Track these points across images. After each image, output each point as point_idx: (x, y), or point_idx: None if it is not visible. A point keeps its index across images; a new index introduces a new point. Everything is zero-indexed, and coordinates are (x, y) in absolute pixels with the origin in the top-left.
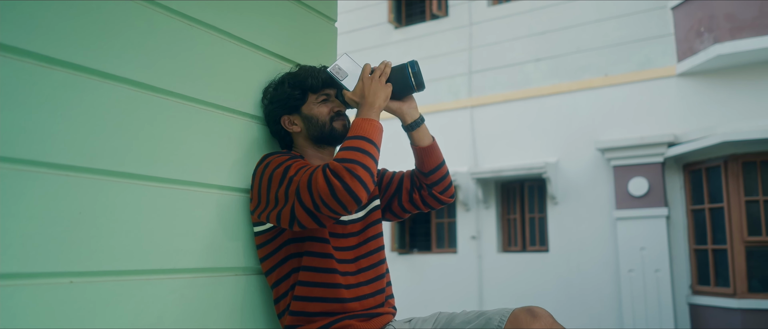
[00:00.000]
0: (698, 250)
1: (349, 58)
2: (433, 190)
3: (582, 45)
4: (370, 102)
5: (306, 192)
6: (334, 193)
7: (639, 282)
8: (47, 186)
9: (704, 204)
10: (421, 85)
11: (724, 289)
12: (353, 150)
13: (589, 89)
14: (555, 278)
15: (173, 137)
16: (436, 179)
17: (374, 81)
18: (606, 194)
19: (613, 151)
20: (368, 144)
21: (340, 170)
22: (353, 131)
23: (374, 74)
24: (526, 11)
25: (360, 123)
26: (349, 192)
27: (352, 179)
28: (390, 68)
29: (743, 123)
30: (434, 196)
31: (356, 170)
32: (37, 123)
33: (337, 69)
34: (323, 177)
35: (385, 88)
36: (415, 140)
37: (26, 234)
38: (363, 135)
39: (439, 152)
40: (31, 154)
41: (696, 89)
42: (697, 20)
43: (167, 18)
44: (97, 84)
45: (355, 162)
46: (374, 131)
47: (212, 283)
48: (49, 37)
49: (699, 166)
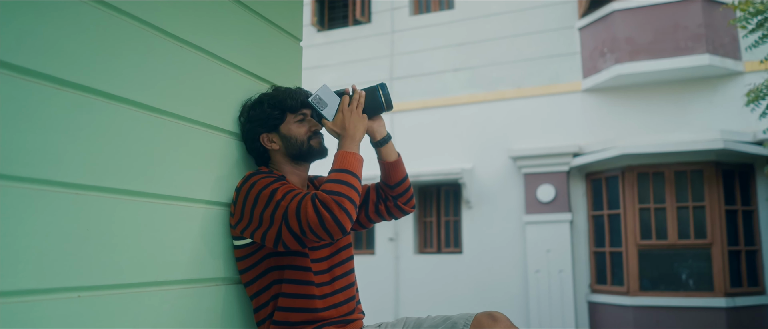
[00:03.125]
0: (597, 252)
1: (327, 89)
2: (398, 201)
3: (497, 58)
4: (351, 135)
5: (294, 219)
6: (322, 223)
7: (544, 282)
8: (59, 204)
9: (603, 210)
10: (390, 105)
11: (619, 288)
12: (340, 183)
13: (503, 99)
14: (468, 278)
15: (165, 154)
16: (401, 191)
17: (353, 113)
18: (516, 199)
19: (524, 159)
20: (353, 177)
21: (329, 202)
22: (339, 164)
23: (352, 105)
24: (446, 22)
25: (344, 156)
26: (336, 223)
27: (340, 211)
28: (364, 97)
29: (639, 138)
30: (399, 206)
31: (344, 203)
32: (49, 143)
33: (318, 100)
34: (313, 207)
35: (363, 119)
36: (383, 155)
37: (41, 251)
38: (348, 169)
39: (403, 167)
40: (44, 173)
41: (598, 105)
42: (601, 41)
43: (155, 37)
44: (103, 105)
45: (342, 195)
46: (357, 164)
47: (198, 293)
48: (57, 59)
49: (600, 175)
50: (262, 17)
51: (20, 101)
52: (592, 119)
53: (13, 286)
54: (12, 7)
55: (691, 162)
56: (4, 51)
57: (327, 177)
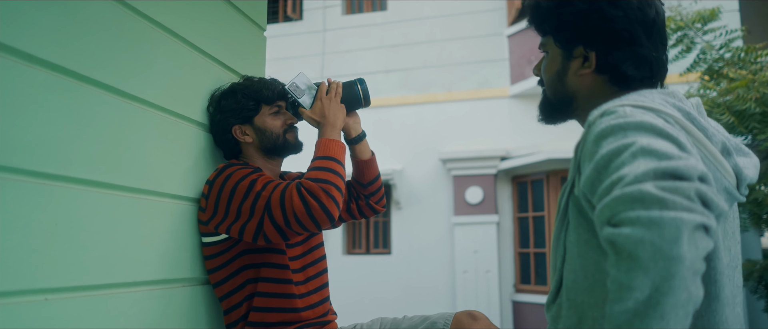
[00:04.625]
0: (522, 253)
1: (304, 76)
2: (370, 200)
3: (429, 61)
4: (332, 123)
5: (278, 209)
6: (309, 212)
7: (472, 282)
8: (26, 196)
9: (528, 212)
10: (368, 101)
11: (542, 287)
12: (325, 170)
13: (434, 102)
14: (396, 279)
15: (133, 143)
16: (373, 190)
17: (332, 101)
18: (445, 201)
19: (453, 161)
20: (338, 165)
21: (316, 190)
22: (322, 151)
23: (330, 94)
24: (378, 23)
25: (327, 143)
26: (325, 211)
27: (327, 198)
28: (341, 87)
29: (563, 143)
30: (370, 206)
31: (331, 190)
32: (15, 127)
33: (295, 87)
34: (299, 196)
35: (341, 108)
36: (357, 153)
37: (5, 248)
38: (332, 156)
39: (376, 166)
40: (11, 161)
41: (525, 110)
42: (529, 49)
43: (127, 14)
44: (67, 84)
45: (329, 183)
46: (340, 151)
47: (166, 295)
48: (18, 31)
49: (525, 179)
50: (232, 5)
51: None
52: (519, 123)
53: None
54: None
55: None
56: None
57: (310, 165)
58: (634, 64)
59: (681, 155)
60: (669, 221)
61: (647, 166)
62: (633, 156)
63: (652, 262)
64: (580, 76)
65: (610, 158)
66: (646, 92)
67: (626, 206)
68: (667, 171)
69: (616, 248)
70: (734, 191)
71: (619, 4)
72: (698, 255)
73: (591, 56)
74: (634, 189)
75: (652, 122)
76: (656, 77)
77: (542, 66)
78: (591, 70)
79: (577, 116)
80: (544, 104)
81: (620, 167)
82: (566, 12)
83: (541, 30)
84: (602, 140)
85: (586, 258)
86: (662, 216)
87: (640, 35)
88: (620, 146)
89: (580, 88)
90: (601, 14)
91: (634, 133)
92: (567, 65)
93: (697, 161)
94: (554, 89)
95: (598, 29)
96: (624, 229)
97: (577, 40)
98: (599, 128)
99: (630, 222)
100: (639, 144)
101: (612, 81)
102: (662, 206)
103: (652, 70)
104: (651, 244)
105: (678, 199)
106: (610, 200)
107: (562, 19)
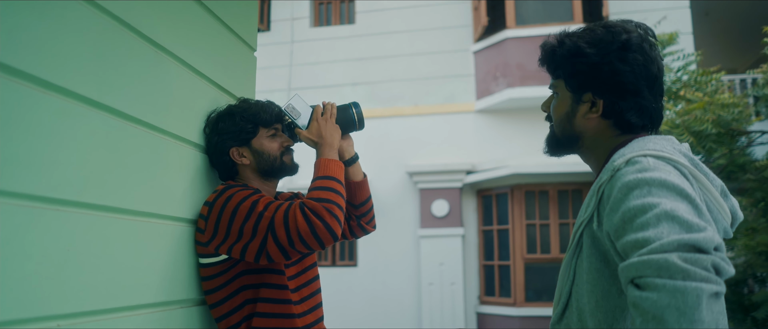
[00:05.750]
0: (486, 265)
1: (300, 98)
2: (361, 221)
3: (396, 75)
4: (329, 143)
5: (282, 229)
6: (314, 231)
7: (437, 294)
8: (40, 223)
9: (493, 226)
10: (362, 124)
11: (506, 299)
12: (327, 190)
13: (401, 116)
14: (362, 291)
15: (137, 166)
16: (364, 211)
17: (328, 122)
18: (411, 213)
19: (420, 175)
20: (338, 184)
21: (319, 210)
22: (322, 171)
23: (325, 115)
24: (346, 36)
25: (326, 163)
26: (328, 230)
27: (331, 217)
28: (336, 108)
29: (527, 158)
30: (361, 226)
31: (333, 209)
32: (33, 153)
33: (291, 108)
34: (303, 216)
35: (337, 128)
36: (350, 174)
37: (21, 276)
38: (332, 176)
39: (368, 187)
40: (28, 188)
41: (490, 125)
42: (494, 66)
43: (131, 37)
44: (84, 111)
45: (331, 202)
46: (339, 171)
47: (166, 317)
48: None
49: (490, 192)
50: (225, 26)
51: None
52: (485, 138)
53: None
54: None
55: (572, 182)
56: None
57: (311, 185)
58: (637, 113)
59: (699, 224)
60: (691, 291)
61: (671, 236)
62: (657, 219)
63: (676, 324)
64: (587, 120)
65: (635, 213)
66: (655, 139)
67: (653, 272)
68: (689, 243)
69: (640, 310)
70: (729, 230)
71: (627, 60)
72: (714, 319)
73: (599, 103)
74: (660, 258)
75: (673, 182)
76: (655, 125)
77: (552, 105)
78: (598, 115)
79: (581, 152)
80: (551, 138)
81: (645, 226)
82: (580, 62)
83: (554, 74)
84: (629, 192)
85: (594, 284)
86: (686, 286)
87: (644, 88)
88: (646, 204)
89: (586, 129)
90: (611, 68)
91: (657, 191)
92: (576, 108)
93: (713, 232)
94: (563, 128)
95: (608, 81)
96: (651, 294)
97: (587, 87)
98: (626, 179)
99: (656, 288)
100: (662, 208)
101: (616, 126)
102: (685, 276)
103: (652, 118)
104: (676, 309)
105: (698, 270)
106: (637, 262)
107: (576, 69)
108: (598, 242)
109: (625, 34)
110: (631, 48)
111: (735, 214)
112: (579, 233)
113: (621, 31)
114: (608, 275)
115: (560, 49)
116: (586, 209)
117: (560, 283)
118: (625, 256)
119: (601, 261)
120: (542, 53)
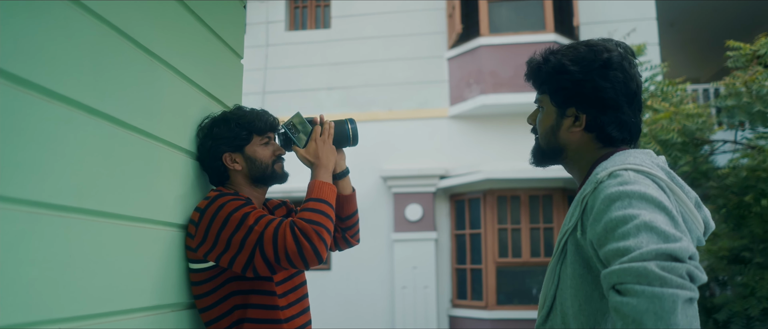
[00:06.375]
0: (459, 269)
1: (301, 116)
2: (346, 233)
3: (370, 80)
4: (325, 165)
5: (270, 246)
6: (301, 251)
7: (410, 298)
8: (45, 229)
9: (465, 230)
10: (356, 140)
11: (478, 302)
12: (318, 213)
13: (375, 120)
14: (336, 294)
15: (133, 172)
16: (350, 224)
17: (326, 143)
18: (385, 217)
19: (394, 179)
20: (329, 208)
21: (308, 231)
22: (316, 193)
23: (323, 135)
24: (321, 41)
25: (321, 186)
26: (315, 252)
27: (319, 240)
28: (334, 127)
29: (499, 163)
30: (346, 239)
31: (322, 233)
32: (34, 159)
33: (292, 126)
34: (292, 236)
35: (333, 150)
36: (340, 188)
37: (26, 281)
38: (325, 199)
39: (355, 201)
40: (29, 193)
41: (464, 131)
42: (468, 72)
43: (128, 46)
44: (82, 117)
45: (321, 225)
46: (332, 195)
47: (159, 321)
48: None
49: (463, 197)
50: (214, 33)
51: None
52: (458, 144)
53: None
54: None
55: (543, 188)
56: None
57: (303, 205)
58: (618, 127)
59: (676, 235)
60: (668, 296)
61: (650, 245)
62: (637, 229)
63: (654, 328)
64: (571, 133)
65: (617, 223)
66: (634, 153)
67: (633, 279)
68: (666, 253)
69: (621, 314)
70: (702, 238)
71: (608, 77)
72: (688, 322)
73: (582, 118)
74: (640, 266)
75: (652, 195)
76: (634, 138)
77: (537, 118)
78: (581, 129)
79: (565, 163)
80: (536, 150)
81: (626, 236)
82: (564, 79)
83: (540, 89)
84: (611, 203)
85: (578, 289)
86: (663, 292)
87: (624, 104)
88: (627, 215)
89: (570, 142)
90: (593, 85)
91: (637, 203)
92: (560, 122)
93: (688, 242)
94: (548, 140)
95: (590, 96)
96: (631, 299)
97: (571, 103)
98: (608, 192)
99: (636, 294)
100: (642, 219)
101: (598, 139)
102: (662, 283)
103: (631, 132)
104: (654, 313)
105: (674, 278)
106: (619, 270)
107: (560, 85)
108: (582, 250)
109: (607, 53)
110: (612, 66)
111: (708, 224)
112: (564, 240)
113: (602, 50)
114: (591, 280)
115: (545, 66)
116: (570, 218)
117: (545, 287)
118: (607, 263)
119: (584, 267)
120: (528, 69)
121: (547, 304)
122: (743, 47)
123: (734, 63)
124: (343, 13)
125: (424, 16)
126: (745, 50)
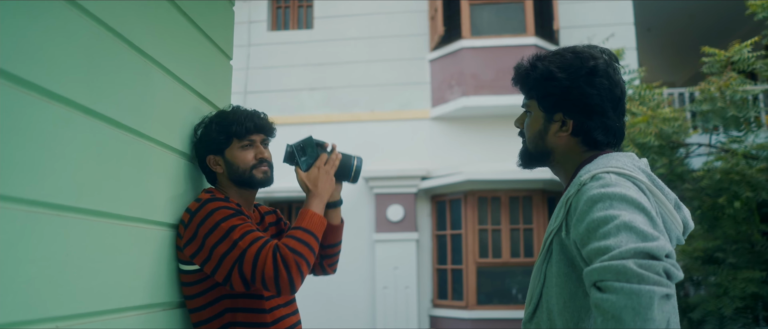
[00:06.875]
0: (440, 269)
1: (312, 140)
2: (325, 262)
3: (353, 81)
4: (321, 195)
5: (249, 265)
6: (277, 279)
7: (391, 298)
8: (44, 228)
9: (446, 230)
10: (357, 179)
11: (458, 302)
12: (303, 244)
13: (358, 121)
14: (317, 295)
15: (127, 172)
16: (331, 253)
17: (328, 174)
18: (367, 218)
19: (376, 180)
20: (315, 241)
21: (289, 261)
22: (306, 223)
23: (327, 165)
24: (303, 41)
25: (312, 216)
26: (290, 282)
27: (297, 272)
28: (340, 160)
29: (480, 165)
30: (323, 266)
31: (302, 266)
32: (32, 158)
33: (299, 148)
34: (272, 261)
35: (332, 182)
36: (329, 218)
37: (24, 279)
38: (312, 230)
39: (341, 233)
40: (28, 193)
41: (445, 132)
42: (449, 75)
43: (122, 47)
44: (79, 118)
45: (302, 257)
46: (321, 228)
47: (150, 319)
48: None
49: (444, 198)
50: (204, 34)
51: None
52: (439, 145)
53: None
54: None
55: (523, 189)
56: None
57: (289, 232)
58: (603, 131)
59: (653, 234)
60: (645, 293)
61: (629, 244)
62: (617, 229)
63: (632, 323)
64: (557, 137)
65: (599, 224)
66: (617, 156)
67: (612, 276)
68: (644, 251)
69: (601, 310)
70: (681, 238)
71: (594, 84)
72: (664, 317)
73: (569, 123)
74: (619, 264)
75: (632, 196)
76: (618, 142)
77: (525, 122)
78: (567, 133)
79: (552, 166)
80: (524, 153)
81: (607, 235)
82: (552, 85)
83: (528, 94)
84: (594, 205)
85: (563, 287)
86: (640, 288)
87: (609, 109)
88: (608, 216)
89: (557, 146)
90: (580, 91)
91: (618, 204)
92: (547, 126)
93: (665, 241)
94: (535, 144)
95: (577, 102)
96: (610, 296)
97: (558, 108)
98: (591, 193)
99: (615, 291)
100: (622, 219)
101: (583, 143)
102: (640, 280)
103: (615, 136)
104: (632, 309)
105: (651, 275)
106: (599, 268)
107: (548, 91)
108: (566, 249)
109: (593, 61)
110: (598, 73)
111: (687, 224)
112: (549, 240)
113: (588, 57)
114: (575, 279)
115: (534, 73)
116: (555, 219)
117: (532, 286)
118: (590, 262)
119: (568, 266)
120: (516, 75)
121: (534, 301)
122: (718, 53)
123: (709, 69)
124: (326, 14)
125: (406, 18)
126: (720, 57)
